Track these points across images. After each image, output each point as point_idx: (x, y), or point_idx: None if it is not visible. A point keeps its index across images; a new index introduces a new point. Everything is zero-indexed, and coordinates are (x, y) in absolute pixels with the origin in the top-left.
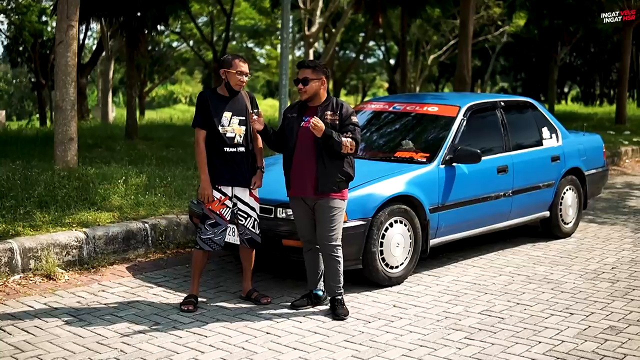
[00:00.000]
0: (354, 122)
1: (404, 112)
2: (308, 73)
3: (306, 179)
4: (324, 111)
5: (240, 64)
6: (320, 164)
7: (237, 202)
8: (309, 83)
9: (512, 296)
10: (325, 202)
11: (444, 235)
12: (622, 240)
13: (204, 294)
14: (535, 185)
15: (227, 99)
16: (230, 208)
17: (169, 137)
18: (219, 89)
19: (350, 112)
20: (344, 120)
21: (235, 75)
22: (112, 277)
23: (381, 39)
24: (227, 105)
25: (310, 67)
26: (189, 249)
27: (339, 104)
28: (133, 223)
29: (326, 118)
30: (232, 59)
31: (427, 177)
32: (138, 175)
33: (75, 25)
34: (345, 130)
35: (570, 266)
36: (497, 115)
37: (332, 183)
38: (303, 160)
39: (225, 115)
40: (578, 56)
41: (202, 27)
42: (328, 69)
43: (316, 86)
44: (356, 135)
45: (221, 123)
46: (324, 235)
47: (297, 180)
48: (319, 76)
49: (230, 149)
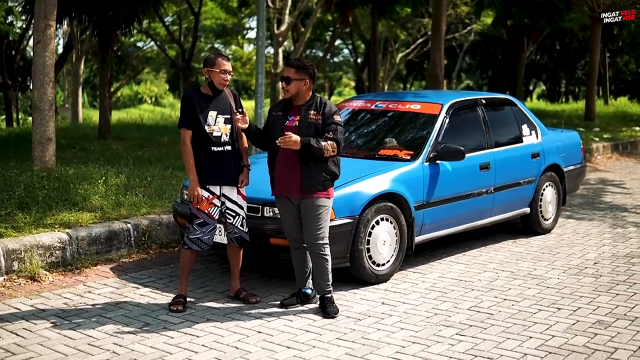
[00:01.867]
0: (337, 122)
1: (386, 110)
2: (291, 72)
3: (291, 179)
4: (308, 110)
5: (223, 63)
6: (305, 164)
7: (225, 200)
8: (291, 82)
9: (498, 292)
10: (310, 201)
11: (429, 232)
12: (601, 236)
13: (192, 293)
14: (516, 182)
15: (212, 98)
16: (218, 207)
17: (142, 136)
18: (202, 89)
19: (334, 111)
20: (327, 120)
21: (219, 74)
22: (96, 278)
23: (348, 37)
24: (212, 104)
25: (295, 66)
26: (172, 248)
27: (322, 103)
28: (115, 223)
29: (310, 117)
30: (214, 58)
31: (412, 175)
32: (117, 176)
33: (53, 25)
34: (327, 130)
35: (552, 262)
36: (478, 112)
37: (317, 182)
38: (288, 160)
39: (211, 115)
40: (544, 54)
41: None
42: (314, 69)
43: (298, 86)
44: (337, 136)
45: (207, 122)
46: (311, 234)
47: (281, 179)
48: (302, 76)
49: (218, 148)
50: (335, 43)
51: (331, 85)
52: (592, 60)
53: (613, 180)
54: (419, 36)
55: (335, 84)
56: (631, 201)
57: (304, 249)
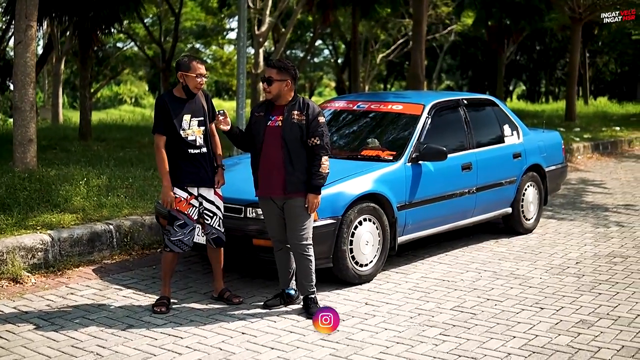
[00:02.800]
0: (321, 124)
1: (368, 111)
2: (273, 73)
3: (274, 179)
4: (291, 111)
5: (198, 66)
6: (288, 163)
7: (202, 201)
8: (273, 83)
9: (481, 292)
10: (294, 201)
11: (411, 232)
12: (582, 236)
13: (175, 295)
14: (498, 182)
15: (185, 101)
16: (196, 207)
17: (123, 137)
18: (175, 92)
19: (317, 113)
20: (311, 122)
21: (195, 79)
22: (79, 279)
23: (329, 38)
24: (185, 108)
25: (276, 67)
26: (154, 249)
27: (305, 104)
28: (97, 225)
29: (293, 118)
30: (189, 62)
31: (394, 175)
32: (99, 177)
33: (34, 25)
34: (313, 134)
35: (535, 261)
36: (460, 113)
37: (301, 183)
38: (271, 160)
39: (185, 119)
40: (523, 54)
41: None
42: (296, 70)
43: (280, 87)
44: (324, 141)
45: (182, 127)
46: (295, 235)
47: (265, 180)
48: (284, 77)
49: (194, 151)
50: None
51: (312, 86)
52: (573, 60)
53: (594, 180)
54: (400, 37)
55: (316, 84)
56: (612, 201)
57: (287, 250)
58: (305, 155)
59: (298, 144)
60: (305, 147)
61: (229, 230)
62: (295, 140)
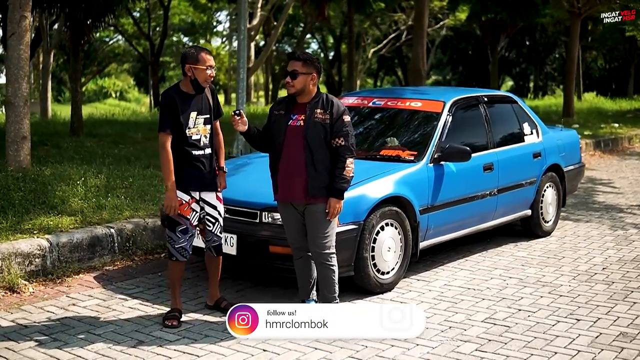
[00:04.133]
0: (347, 123)
1: (385, 108)
2: (298, 66)
3: (295, 183)
4: (314, 109)
5: (208, 58)
6: (310, 166)
7: (204, 205)
8: (298, 77)
9: (511, 302)
10: (316, 207)
11: (433, 237)
12: (603, 239)
13: (185, 305)
14: (518, 183)
15: (192, 97)
16: (197, 212)
17: (115, 133)
18: (182, 86)
19: (342, 111)
20: (336, 121)
21: (205, 71)
22: (80, 288)
23: (318, 31)
24: (193, 104)
25: (301, 59)
26: (157, 255)
27: (329, 101)
28: (98, 228)
29: (316, 116)
30: (197, 53)
31: (417, 177)
32: (96, 176)
33: (28, 16)
34: (338, 135)
35: (560, 267)
36: (480, 110)
37: (324, 187)
38: (291, 163)
39: (191, 116)
40: (513, 49)
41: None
42: (320, 64)
43: (305, 81)
44: (349, 141)
45: (188, 125)
46: (317, 243)
47: (285, 183)
48: (309, 70)
49: (198, 152)
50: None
51: None
52: (571, 55)
53: (601, 179)
54: (391, 31)
55: None
56: (624, 201)
57: (308, 258)
58: (329, 158)
59: (321, 145)
60: (329, 149)
61: (243, 236)
62: (318, 141)
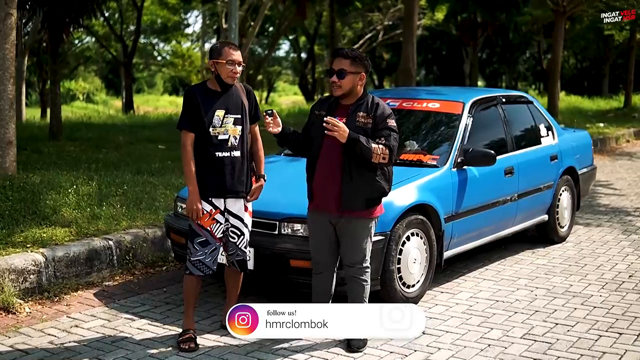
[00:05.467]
0: (390, 126)
1: (400, 109)
2: (346, 64)
3: (329, 192)
4: (356, 112)
5: (231, 52)
6: (346, 175)
7: (229, 217)
8: (346, 76)
9: (545, 315)
10: (349, 221)
11: (456, 246)
12: (619, 244)
13: (198, 325)
14: (537, 187)
15: (219, 95)
16: (222, 224)
17: (96, 137)
18: (209, 83)
19: (387, 114)
20: (378, 124)
21: (226, 66)
22: (80, 307)
23: (292, 31)
24: (219, 102)
25: (349, 56)
26: (159, 268)
27: (374, 104)
28: (95, 240)
29: (358, 120)
30: (221, 47)
31: (441, 183)
32: (87, 183)
33: (14, 14)
34: (379, 135)
35: (585, 275)
36: (499, 111)
37: (359, 200)
38: (327, 169)
39: (217, 114)
40: (485, 49)
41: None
42: (369, 62)
43: (354, 81)
44: (391, 142)
45: (212, 123)
46: (351, 257)
47: (319, 192)
48: (358, 69)
49: (223, 154)
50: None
51: (270, 81)
52: (555, 55)
53: (600, 181)
54: (367, 31)
55: (275, 79)
56: (629, 203)
57: (328, 275)
58: (370, 168)
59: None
60: None
61: (261, 249)
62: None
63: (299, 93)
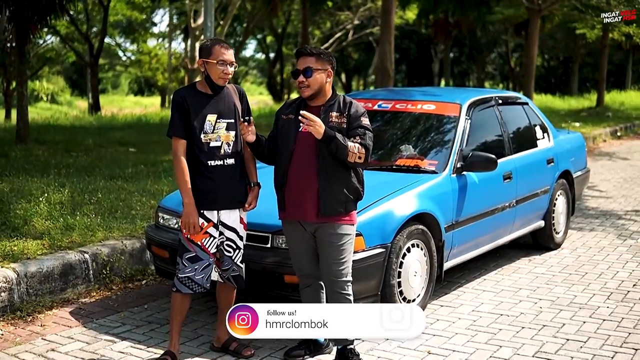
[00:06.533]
0: (365, 125)
1: (393, 111)
2: (311, 62)
3: (306, 199)
4: (329, 112)
5: (222, 51)
6: (324, 179)
7: (223, 229)
8: (313, 74)
9: (553, 329)
10: (330, 228)
11: (455, 257)
12: (616, 250)
13: (184, 347)
14: (535, 192)
15: (210, 97)
16: (215, 238)
17: (64, 140)
18: (199, 86)
19: (361, 113)
20: (352, 123)
21: (217, 66)
22: (56, 327)
23: (259, 31)
24: (210, 106)
25: (313, 53)
26: (138, 282)
27: (347, 103)
28: (70, 253)
29: (331, 120)
30: (211, 46)
31: (441, 190)
32: (59, 190)
33: None
34: (353, 134)
35: (587, 284)
36: (495, 113)
37: (339, 204)
38: (301, 175)
39: (209, 119)
40: (454, 48)
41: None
42: (334, 58)
43: (321, 79)
44: (366, 141)
45: (204, 129)
46: (331, 270)
47: (293, 200)
48: (324, 66)
49: (216, 162)
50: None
51: (236, 82)
52: (531, 53)
53: None
54: (337, 31)
55: (241, 80)
56: (617, 206)
57: (317, 287)
58: (346, 169)
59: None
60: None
61: (252, 264)
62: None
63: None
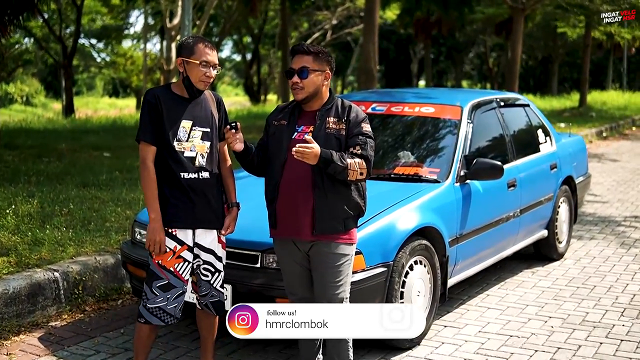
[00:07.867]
0: (366, 132)
1: (389, 114)
2: (308, 61)
3: (300, 215)
4: (325, 117)
5: (206, 51)
6: (320, 192)
7: (199, 252)
8: (309, 75)
9: (569, 352)
10: (327, 247)
11: (459, 273)
12: (622, 259)
13: None
14: (538, 200)
15: (186, 102)
16: (190, 262)
17: (37, 144)
18: (174, 87)
19: (362, 118)
20: (353, 129)
21: (199, 68)
22: (23, 356)
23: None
24: (187, 111)
25: (311, 52)
26: (113, 302)
27: (345, 107)
28: (38, 272)
29: (328, 126)
30: (194, 44)
31: (444, 200)
32: (27, 201)
33: None
34: (353, 143)
35: (598, 299)
36: (497, 116)
37: (336, 220)
38: (295, 188)
39: (184, 125)
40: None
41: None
42: (333, 58)
43: (318, 81)
44: (367, 152)
45: (177, 137)
46: (326, 294)
47: (286, 215)
48: (322, 67)
49: (190, 175)
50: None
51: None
52: (515, 53)
53: None
54: (316, 31)
55: (216, 81)
56: (615, 211)
57: None
58: (344, 182)
59: None
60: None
61: (240, 286)
62: None
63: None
